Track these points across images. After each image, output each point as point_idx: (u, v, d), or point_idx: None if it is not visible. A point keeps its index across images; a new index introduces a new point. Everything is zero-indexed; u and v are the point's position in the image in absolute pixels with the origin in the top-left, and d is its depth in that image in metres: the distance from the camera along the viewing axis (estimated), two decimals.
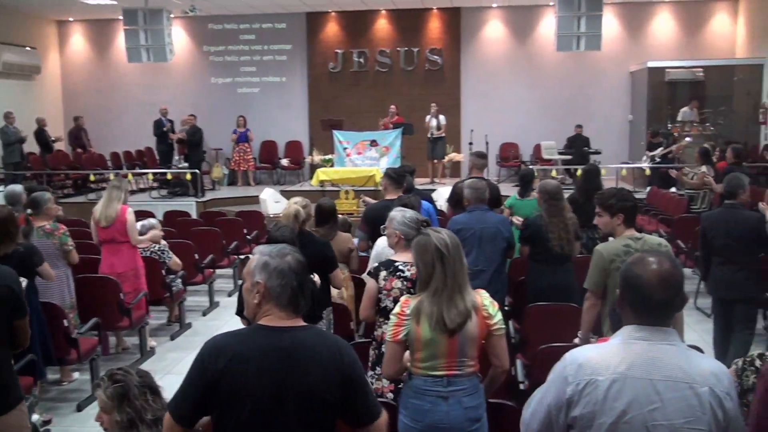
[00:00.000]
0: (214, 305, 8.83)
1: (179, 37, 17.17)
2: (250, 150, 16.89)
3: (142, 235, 7.30)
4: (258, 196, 13.30)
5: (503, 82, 17.30)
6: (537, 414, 2.38)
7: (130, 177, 14.31)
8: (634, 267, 2.31)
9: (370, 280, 4.17)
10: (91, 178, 14.64)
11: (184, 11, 15.64)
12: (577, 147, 15.28)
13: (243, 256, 9.76)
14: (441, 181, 15.19)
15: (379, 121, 15.23)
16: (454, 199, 6.94)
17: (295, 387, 2.38)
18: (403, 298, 3.42)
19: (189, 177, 14.25)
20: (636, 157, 15.57)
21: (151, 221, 7.80)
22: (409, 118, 15.36)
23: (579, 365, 2.27)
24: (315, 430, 2.45)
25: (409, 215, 4.36)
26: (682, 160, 12.86)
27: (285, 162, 17.29)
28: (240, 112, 17.01)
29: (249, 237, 10.12)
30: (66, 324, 5.76)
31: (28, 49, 16.98)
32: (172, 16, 14.55)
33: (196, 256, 8.51)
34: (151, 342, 7.38)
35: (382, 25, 17.56)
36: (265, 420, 2.38)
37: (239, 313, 4.58)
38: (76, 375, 6.51)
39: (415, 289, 3.63)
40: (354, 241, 6.25)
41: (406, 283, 4.05)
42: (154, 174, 15.38)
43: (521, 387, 4.63)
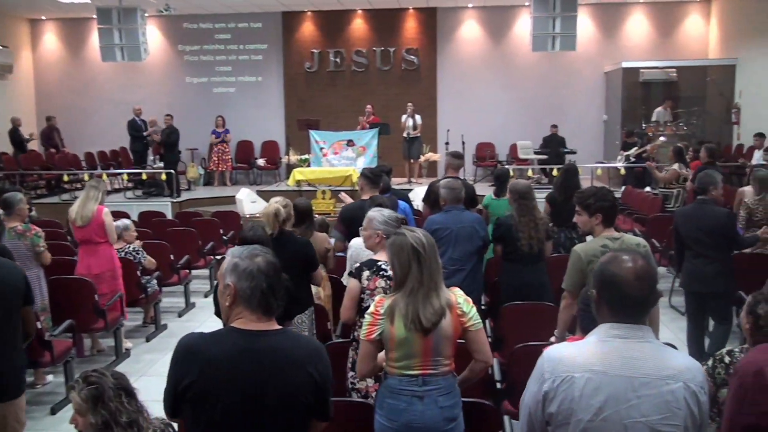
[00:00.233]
0: (189, 306, 8.78)
1: (154, 37, 17.03)
2: (228, 150, 16.81)
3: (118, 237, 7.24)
4: (234, 197, 13.25)
5: (479, 82, 17.35)
6: (522, 411, 2.42)
7: (105, 177, 14.18)
8: (610, 266, 2.33)
9: (352, 281, 4.13)
10: (65, 178, 14.47)
11: (159, 10, 15.55)
12: (553, 147, 15.36)
13: (219, 257, 9.70)
14: (418, 180, 15.21)
15: (359, 119, 15.24)
16: (430, 198, 6.95)
17: (269, 390, 2.38)
18: (377, 298, 3.42)
19: (164, 177, 14.15)
20: (611, 157, 15.68)
21: (125, 222, 7.74)
22: (385, 118, 15.40)
23: (556, 362, 2.30)
24: None
25: (387, 214, 4.36)
26: (656, 160, 13.00)
27: (261, 162, 17.23)
28: (216, 112, 16.92)
29: (225, 237, 10.06)
30: (39, 326, 5.69)
31: (0, 48, 16.76)
32: (147, 15, 14.44)
33: (172, 256, 8.44)
34: (127, 343, 7.33)
35: (359, 25, 17.56)
36: (237, 422, 2.38)
37: (218, 313, 4.57)
38: (50, 378, 6.46)
39: None
40: (331, 241, 6.25)
41: (389, 282, 4.03)
42: (129, 174, 15.24)
43: (498, 386, 4.65)
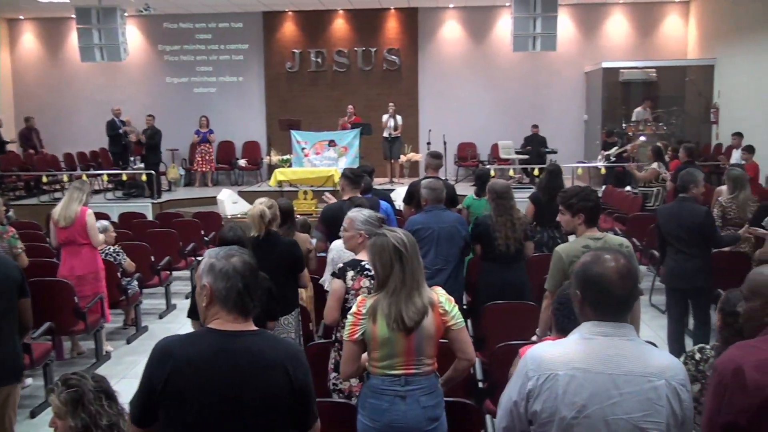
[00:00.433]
0: (170, 308, 8.72)
1: (133, 36, 16.90)
2: (212, 150, 16.74)
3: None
4: (215, 197, 13.18)
5: (461, 82, 17.38)
6: (504, 410, 2.42)
7: (85, 178, 14.05)
8: (594, 266, 2.35)
9: (336, 281, 4.10)
10: (44, 179, 14.31)
11: (139, 10, 15.44)
12: (534, 146, 15.44)
13: (200, 258, 9.63)
14: (400, 180, 15.23)
15: (339, 120, 15.22)
16: (414, 199, 6.93)
17: (248, 391, 2.38)
18: (359, 298, 3.42)
19: (145, 178, 14.05)
20: (591, 157, 15.76)
21: (104, 223, 7.67)
22: (367, 118, 15.39)
23: (539, 360, 2.32)
24: None
25: (368, 213, 4.36)
26: (636, 159, 13.11)
27: (242, 162, 17.16)
28: (197, 112, 16.84)
29: (206, 238, 9.99)
30: None
31: None
32: (127, 14, 14.33)
33: (152, 258, 8.37)
34: (107, 346, 7.27)
35: (340, 25, 17.53)
36: (215, 423, 2.37)
37: (190, 315, 4.61)
38: (29, 381, 6.36)
39: None
40: (312, 242, 6.24)
41: (374, 281, 4.03)
42: (109, 175, 15.12)
43: (480, 385, 4.66)
